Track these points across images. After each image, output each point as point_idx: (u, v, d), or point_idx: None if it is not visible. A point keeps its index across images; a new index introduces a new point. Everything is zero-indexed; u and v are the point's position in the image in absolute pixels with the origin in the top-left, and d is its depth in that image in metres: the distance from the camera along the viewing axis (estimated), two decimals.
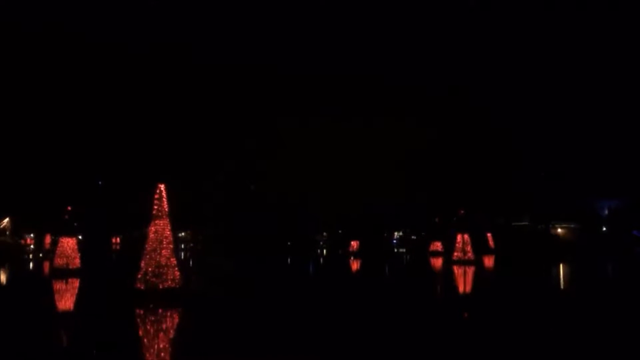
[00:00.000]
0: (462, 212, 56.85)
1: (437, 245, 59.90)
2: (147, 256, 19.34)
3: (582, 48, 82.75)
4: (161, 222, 19.78)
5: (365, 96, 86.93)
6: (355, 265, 41.41)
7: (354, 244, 58.69)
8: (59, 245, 33.22)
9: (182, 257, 55.63)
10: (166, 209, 19.98)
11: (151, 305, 17.68)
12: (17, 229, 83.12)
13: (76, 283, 27.14)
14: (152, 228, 19.67)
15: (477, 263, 41.67)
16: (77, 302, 20.32)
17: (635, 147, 75.79)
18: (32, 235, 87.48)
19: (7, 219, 78.48)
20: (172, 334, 14.08)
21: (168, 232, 19.83)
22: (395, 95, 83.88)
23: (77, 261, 32.70)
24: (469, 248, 43.24)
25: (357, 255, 54.19)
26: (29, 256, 60.17)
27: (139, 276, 19.16)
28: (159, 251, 19.35)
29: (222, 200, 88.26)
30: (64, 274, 30.91)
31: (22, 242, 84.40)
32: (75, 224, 33.86)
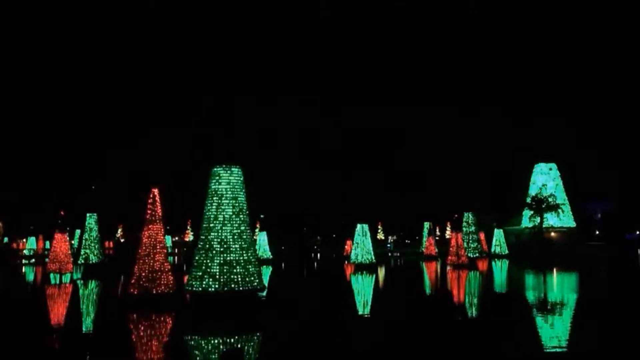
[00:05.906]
0: (456, 216, 57.08)
1: (431, 249, 60.00)
2: (141, 261, 19.31)
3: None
4: (155, 226, 19.76)
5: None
6: (349, 269, 41.37)
7: (348, 247, 58.74)
8: (52, 249, 33.10)
9: (175, 261, 55.45)
10: (160, 214, 19.95)
11: (145, 310, 17.62)
12: (10, 233, 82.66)
13: (69, 288, 26.97)
14: (146, 233, 19.64)
15: (472, 266, 41.75)
16: (70, 307, 20.19)
17: (627, 150, 76.49)
18: (24, 239, 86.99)
19: None
20: (165, 338, 14.03)
21: (162, 237, 19.81)
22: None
23: (70, 266, 32.61)
24: (462, 252, 43.34)
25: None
26: (21, 261, 59.71)
27: (133, 281, 19.14)
28: (152, 256, 19.33)
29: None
30: (57, 278, 30.81)
31: (14, 246, 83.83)
32: (68, 229, 33.72)
